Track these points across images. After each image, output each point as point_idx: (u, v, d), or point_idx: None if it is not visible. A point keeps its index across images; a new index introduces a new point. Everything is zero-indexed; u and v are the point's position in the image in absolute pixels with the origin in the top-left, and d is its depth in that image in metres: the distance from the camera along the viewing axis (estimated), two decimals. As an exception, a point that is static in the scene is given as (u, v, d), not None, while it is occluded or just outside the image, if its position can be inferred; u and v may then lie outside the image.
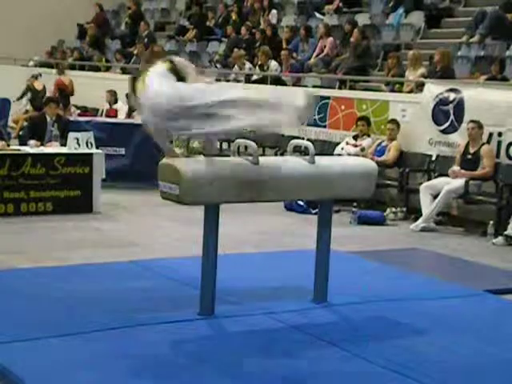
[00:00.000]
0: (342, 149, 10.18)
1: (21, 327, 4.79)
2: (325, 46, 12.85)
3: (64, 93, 14.87)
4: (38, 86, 15.11)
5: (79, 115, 14.28)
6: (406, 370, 4.35)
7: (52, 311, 5.15)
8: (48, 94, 14.19)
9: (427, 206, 8.82)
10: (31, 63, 18.72)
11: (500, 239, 8.19)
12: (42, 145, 9.50)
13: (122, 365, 4.30)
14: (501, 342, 4.98)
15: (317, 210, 5.88)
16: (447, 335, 5.04)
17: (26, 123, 13.14)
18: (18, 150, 9.10)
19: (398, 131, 9.87)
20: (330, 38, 12.87)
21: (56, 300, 5.41)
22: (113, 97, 13.83)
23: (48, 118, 10.19)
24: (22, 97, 15.29)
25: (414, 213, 9.21)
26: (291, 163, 5.28)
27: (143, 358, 4.41)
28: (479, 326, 5.27)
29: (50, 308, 5.22)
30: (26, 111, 14.83)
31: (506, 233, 8.16)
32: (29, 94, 15.05)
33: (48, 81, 15.46)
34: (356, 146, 10.11)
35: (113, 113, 13.70)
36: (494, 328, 5.26)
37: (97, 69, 16.74)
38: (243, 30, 14.81)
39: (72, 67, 16.75)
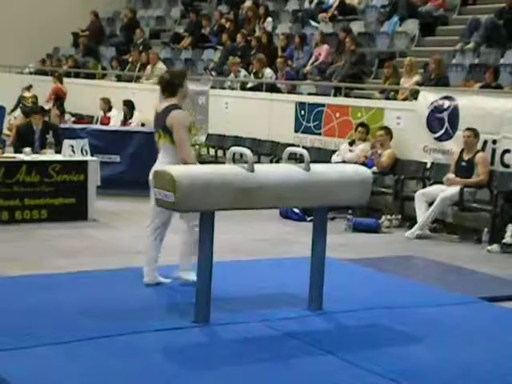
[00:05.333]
0: (338, 155, 10.20)
1: (14, 335, 4.77)
2: (320, 54, 12.89)
3: (61, 100, 14.90)
4: (27, 95, 15.23)
5: (74, 122, 14.27)
6: (401, 378, 4.34)
7: (46, 319, 5.14)
8: (42, 101, 14.23)
9: (422, 214, 8.83)
10: (26, 71, 18.72)
11: (495, 246, 8.20)
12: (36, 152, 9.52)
13: (115, 372, 4.29)
14: (497, 349, 4.98)
15: (312, 218, 5.89)
16: (443, 343, 5.04)
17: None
18: (13, 157, 9.08)
19: (388, 138, 9.87)
20: (326, 46, 12.92)
21: (50, 308, 5.39)
22: (106, 104, 13.82)
23: (34, 127, 10.22)
24: (14, 109, 15.38)
25: (408, 220, 9.21)
26: (286, 171, 5.29)
27: (137, 365, 4.40)
28: (475, 334, 5.28)
29: (44, 315, 5.21)
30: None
31: (503, 241, 8.14)
32: (20, 104, 15.16)
33: (43, 89, 15.47)
34: (351, 151, 10.13)
35: (106, 120, 13.70)
36: (489, 335, 5.26)
37: (92, 76, 16.75)
38: (238, 37, 14.83)
39: (67, 75, 16.75)
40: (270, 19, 15.37)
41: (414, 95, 10.24)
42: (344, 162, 9.83)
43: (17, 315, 5.20)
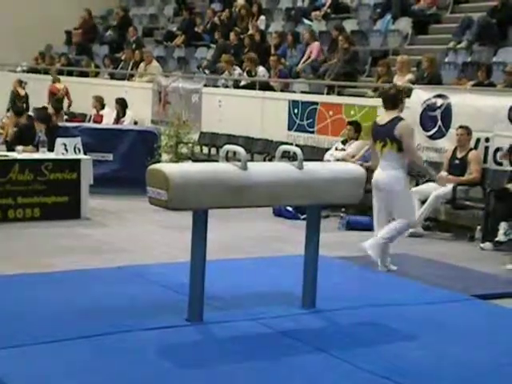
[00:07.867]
0: (331, 155, 10.20)
1: (7, 333, 4.76)
2: (311, 52, 12.91)
3: (55, 98, 14.88)
4: (20, 91, 15.19)
5: (67, 121, 14.25)
6: (394, 376, 4.35)
7: (39, 317, 5.13)
8: (37, 102, 14.21)
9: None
10: (19, 69, 18.68)
11: (488, 244, 8.21)
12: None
13: (109, 371, 4.29)
14: (489, 346, 5.00)
15: (305, 216, 5.89)
16: (436, 340, 5.05)
17: (14, 129, 13.11)
18: (6, 155, 9.07)
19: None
20: (316, 43, 12.94)
21: (43, 306, 5.39)
22: (99, 103, 13.79)
23: (37, 129, 10.24)
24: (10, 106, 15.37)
25: (402, 218, 9.21)
26: (279, 169, 5.28)
27: (131, 364, 4.40)
28: (468, 332, 5.29)
29: (37, 314, 5.20)
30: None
31: (496, 239, 8.14)
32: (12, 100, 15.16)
33: (36, 87, 15.45)
34: (344, 150, 10.13)
35: (99, 119, 13.68)
36: (482, 333, 5.27)
37: (85, 74, 16.72)
38: (232, 35, 14.82)
39: (60, 73, 16.72)
40: (263, 17, 15.37)
41: (407, 93, 10.24)
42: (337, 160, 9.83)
43: (10, 314, 5.19)
